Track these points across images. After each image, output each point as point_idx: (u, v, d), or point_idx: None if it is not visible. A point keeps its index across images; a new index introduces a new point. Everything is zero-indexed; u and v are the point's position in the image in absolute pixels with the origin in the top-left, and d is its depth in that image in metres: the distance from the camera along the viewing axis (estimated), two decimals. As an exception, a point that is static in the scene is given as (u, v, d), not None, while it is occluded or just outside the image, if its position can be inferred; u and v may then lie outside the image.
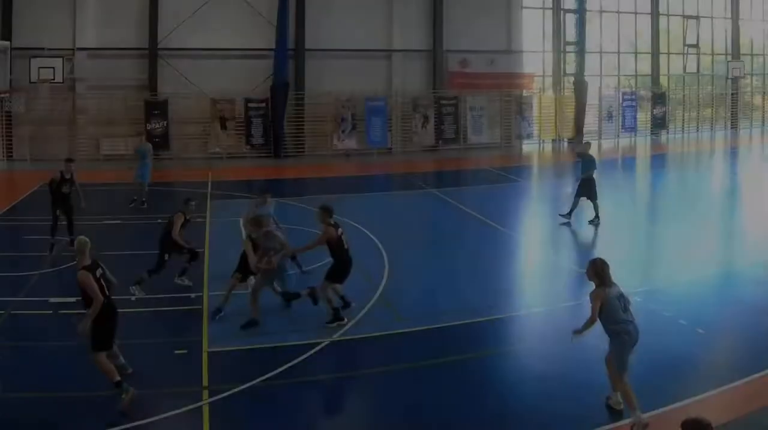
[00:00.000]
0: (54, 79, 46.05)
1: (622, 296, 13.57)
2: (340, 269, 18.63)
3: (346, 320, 18.31)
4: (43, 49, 46.39)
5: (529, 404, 14.46)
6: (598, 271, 13.76)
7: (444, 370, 15.85)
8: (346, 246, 18.79)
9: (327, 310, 18.38)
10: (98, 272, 14.35)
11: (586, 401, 14.14)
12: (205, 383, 14.96)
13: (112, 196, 36.07)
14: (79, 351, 14.90)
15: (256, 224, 18.91)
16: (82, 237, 14.95)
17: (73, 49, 48.02)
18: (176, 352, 16.45)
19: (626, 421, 13.19)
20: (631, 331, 13.49)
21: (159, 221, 24.67)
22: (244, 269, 19.15)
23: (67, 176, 25.84)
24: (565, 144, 59.42)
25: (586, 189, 29.72)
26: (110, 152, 47.68)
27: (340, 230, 18.93)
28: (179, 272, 21.36)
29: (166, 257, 21.01)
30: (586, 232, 29.51)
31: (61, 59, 46.43)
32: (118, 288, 15.69)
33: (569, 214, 29.92)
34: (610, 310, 13.38)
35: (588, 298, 13.67)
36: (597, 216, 29.63)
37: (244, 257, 19.12)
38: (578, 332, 13.62)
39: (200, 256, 22.22)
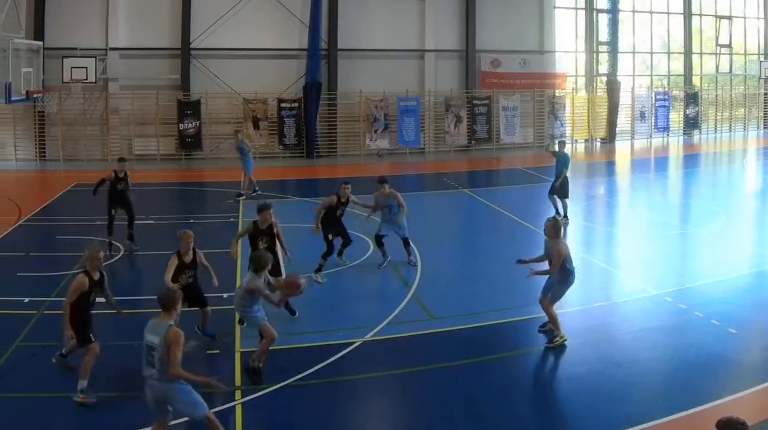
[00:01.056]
0: (86, 79, 45.29)
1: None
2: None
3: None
4: (75, 49, 45.68)
5: (560, 403, 14.39)
6: (557, 228, 16.99)
7: (476, 370, 15.60)
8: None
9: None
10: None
11: (616, 400, 13.97)
12: (237, 383, 14.83)
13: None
14: (110, 352, 14.96)
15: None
16: (95, 245, 15.32)
17: (105, 49, 47.38)
18: (208, 352, 16.30)
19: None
20: (574, 275, 16.86)
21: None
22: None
23: (121, 175, 25.64)
24: (598, 144, 58.39)
25: (561, 188, 29.51)
26: (143, 152, 47.04)
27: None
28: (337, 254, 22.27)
29: (330, 237, 21.71)
30: (619, 232, 29.36)
31: (93, 59, 45.74)
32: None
33: (564, 216, 29.15)
34: (566, 259, 16.48)
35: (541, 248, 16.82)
36: (565, 215, 29.25)
37: None
38: (537, 273, 16.78)
39: (351, 242, 22.78)
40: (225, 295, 19.27)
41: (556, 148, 32.11)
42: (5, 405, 13.76)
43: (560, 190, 29.48)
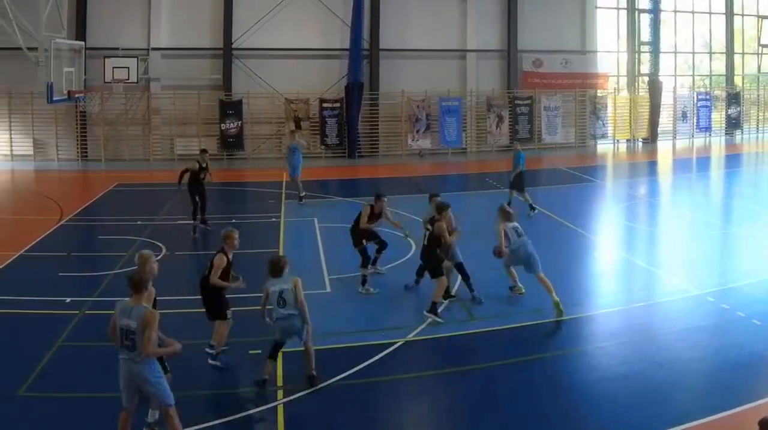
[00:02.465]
0: (128, 79, 44.64)
1: (516, 228, 19.18)
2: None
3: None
4: (117, 49, 45.03)
5: (601, 404, 13.91)
6: (505, 211, 19.84)
7: (517, 370, 15.38)
8: None
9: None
10: None
11: (659, 400, 13.66)
12: (279, 382, 14.61)
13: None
14: None
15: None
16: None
17: (147, 49, 46.60)
18: (251, 352, 15.91)
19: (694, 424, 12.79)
20: (526, 248, 18.99)
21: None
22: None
23: (203, 165, 27.09)
24: (640, 144, 56.84)
25: (518, 182, 30.54)
26: (184, 152, 45.58)
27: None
28: (372, 262, 21.30)
29: (365, 243, 21.02)
30: (661, 233, 28.88)
31: (135, 59, 45.02)
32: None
33: (531, 207, 30.01)
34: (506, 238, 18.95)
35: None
36: (531, 206, 30.07)
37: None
38: (500, 254, 19.04)
39: (386, 245, 21.82)
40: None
41: (516, 145, 33.06)
42: (48, 405, 13.55)
43: (517, 184, 30.45)
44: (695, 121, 59.25)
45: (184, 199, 27.72)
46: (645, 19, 56.79)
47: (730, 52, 61.77)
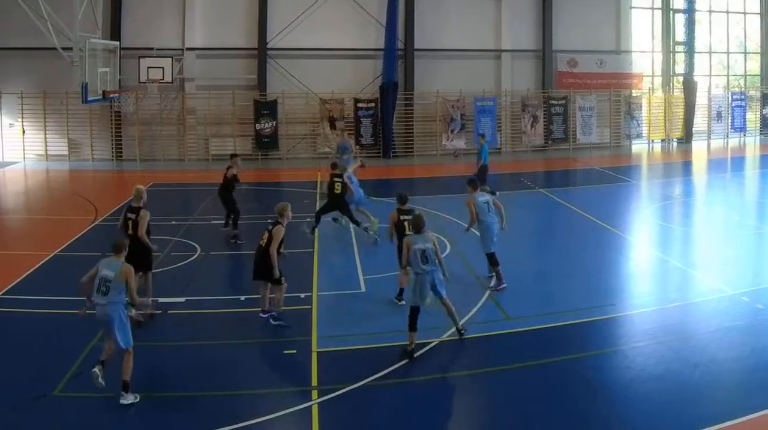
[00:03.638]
0: (163, 79, 43.93)
1: (487, 202, 19.98)
2: None
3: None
4: (152, 49, 44.37)
5: (636, 404, 13.60)
6: (473, 183, 20.61)
7: (552, 370, 15.07)
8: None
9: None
10: (130, 214, 17.78)
11: (694, 401, 13.58)
12: (314, 382, 14.49)
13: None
14: (189, 351, 15.77)
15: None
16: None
17: (182, 49, 46.02)
18: (285, 352, 15.84)
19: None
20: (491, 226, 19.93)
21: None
22: None
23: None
24: (675, 144, 55.52)
25: (482, 175, 31.24)
26: (219, 152, 45.19)
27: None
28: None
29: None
30: (695, 233, 28.51)
31: (170, 59, 44.30)
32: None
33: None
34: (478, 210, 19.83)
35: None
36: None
37: None
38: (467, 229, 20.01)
39: None
40: (302, 295, 19.20)
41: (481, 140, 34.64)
42: (82, 404, 13.43)
43: (481, 177, 30.28)
44: (730, 121, 57.80)
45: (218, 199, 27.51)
46: (680, 19, 55.58)
47: (765, 52, 60.03)
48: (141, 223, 17.58)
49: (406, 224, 18.31)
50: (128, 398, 13.40)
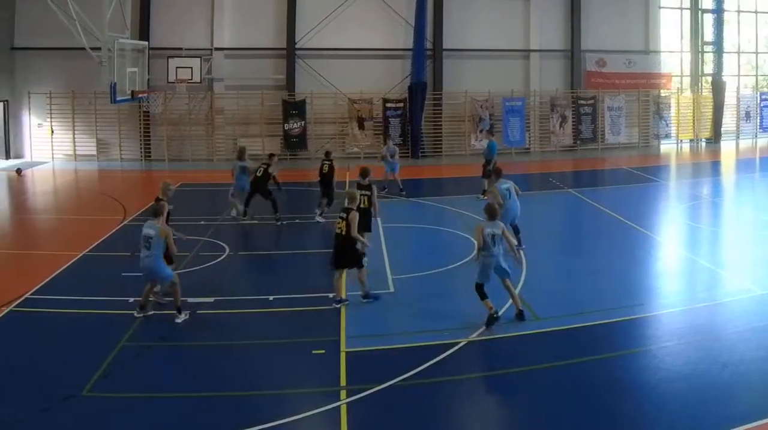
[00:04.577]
0: (191, 80, 43.56)
1: (508, 188, 21.12)
2: None
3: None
4: (180, 49, 43.93)
5: (664, 404, 13.31)
6: (497, 171, 22.91)
7: (581, 370, 14.83)
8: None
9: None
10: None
11: (722, 401, 13.25)
12: (342, 382, 14.26)
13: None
14: (217, 351, 15.84)
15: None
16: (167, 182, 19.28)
17: (210, 49, 45.51)
18: (314, 352, 15.66)
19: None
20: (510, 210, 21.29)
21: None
22: None
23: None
24: (703, 144, 54.50)
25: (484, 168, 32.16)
26: (248, 152, 44.33)
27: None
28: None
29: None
30: (724, 232, 28.01)
31: (198, 59, 43.88)
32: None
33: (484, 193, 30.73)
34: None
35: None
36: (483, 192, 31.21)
37: None
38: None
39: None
40: (330, 295, 18.79)
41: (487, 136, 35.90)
42: (111, 404, 13.30)
43: (488, 172, 30.70)
44: (759, 121, 56.68)
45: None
46: (708, 19, 54.51)
47: (794, 52, 59.05)
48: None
49: (364, 198, 20.71)
50: (180, 318, 17.00)
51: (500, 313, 17.35)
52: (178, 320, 16.81)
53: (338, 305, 18.09)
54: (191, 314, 17.75)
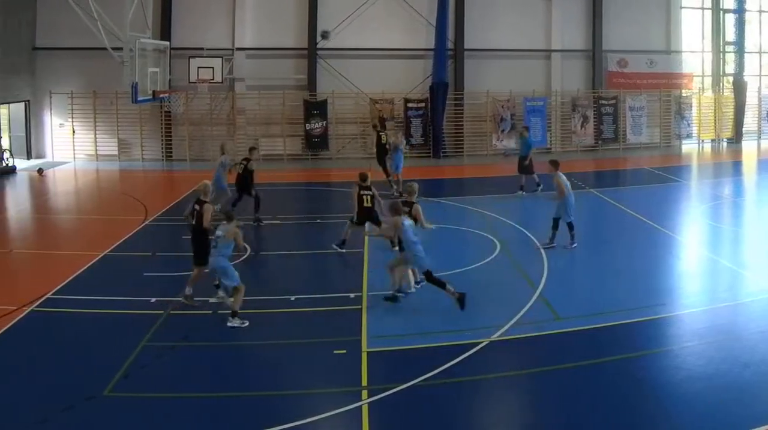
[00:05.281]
0: (213, 79, 42.96)
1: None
2: None
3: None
4: (202, 49, 43.32)
5: (686, 404, 13.27)
6: (555, 163, 23.97)
7: (602, 370, 14.73)
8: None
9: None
10: (197, 205, 18.57)
11: (744, 401, 13.10)
12: (364, 382, 14.21)
13: (284, 196, 34.72)
14: (239, 351, 15.82)
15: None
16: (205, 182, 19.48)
17: (232, 49, 44.98)
18: (335, 352, 15.60)
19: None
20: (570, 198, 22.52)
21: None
22: None
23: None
24: (725, 144, 53.55)
25: (529, 166, 33.31)
26: (269, 152, 44.41)
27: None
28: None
29: None
30: (745, 232, 27.67)
31: (220, 59, 43.27)
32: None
33: (538, 184, 33.18)
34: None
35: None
36: (538, 184, 33.27)
37: None
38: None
39: None
40: (352, 295, 19.03)
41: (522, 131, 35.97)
42: (133, 404, 13.27)
43: (528, 167, 33.12)
44: (780, 121, 55.44)
45: (269, 199, 27.99)
46: (730, 19, 53.55)
47: (815, 52, 58.06)
48: (205, 215, 18.49)
49: (365, 197, 21.65)
50: (235, 322, 16.93)
51: (521, 313, 17.65)
52: (230, 324, 16.90)
53: (402, 294, 18.74)
54: (213, 314, 17.86)
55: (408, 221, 18.33)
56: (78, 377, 14.10)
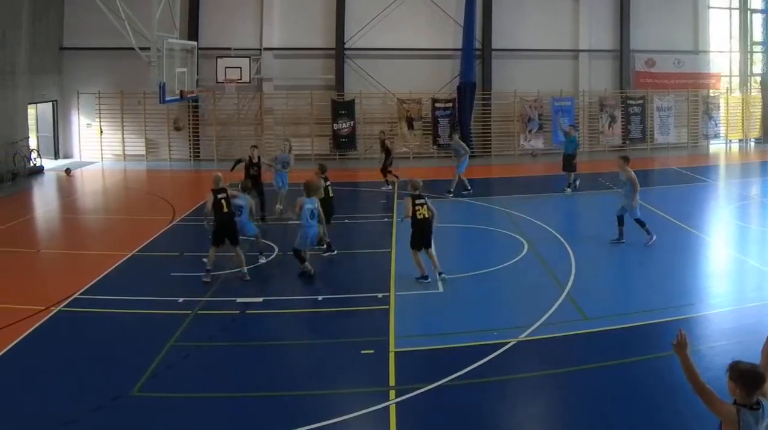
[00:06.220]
0: (240, 79, 42.23)
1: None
2: None
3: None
4: (229, 49, 42.71)
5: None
6: (626, 158, 24.35)
7: (629, 370, 14.42)
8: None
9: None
10: (220, 195, 19.85)
11: None
12: (391, 382, 13.95)
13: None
14: (266, 351, 15.55)
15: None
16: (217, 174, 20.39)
17: (259, 49, 44.19)
18: (363, 352, 15.33)
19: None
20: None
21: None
22: None
23: (255, 161, 27.34)
24: (752, 144, 52.33)
25: (574, 163, 33.51)
26: (297, 152, 42.38)
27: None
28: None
29: None
30: None
31: (247, 59, 42.53)
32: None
33: (574, 181, 33.59)
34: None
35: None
36: (575, 180, 33.72)
37: None
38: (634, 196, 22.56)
39: None
40: (380, 295, 18.73)
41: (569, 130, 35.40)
42: (161, 404, 13.07)
43: (574, 165, 33.37)
44: (807, 121, 54.02)
45: (295, 198, 26.31)
46: (757, 19, 52.34)
47: (842, 52, 56.78)
48: (232, 196, 20.34)
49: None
50: (263, 259, 21.58)
51: (549, 313, 17.32)
52: (262, 260, 21.46)
53: (426, 281, 19.28)
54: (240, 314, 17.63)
55: (309, 205, 19.66)
56: (106, 377, 13.93)
